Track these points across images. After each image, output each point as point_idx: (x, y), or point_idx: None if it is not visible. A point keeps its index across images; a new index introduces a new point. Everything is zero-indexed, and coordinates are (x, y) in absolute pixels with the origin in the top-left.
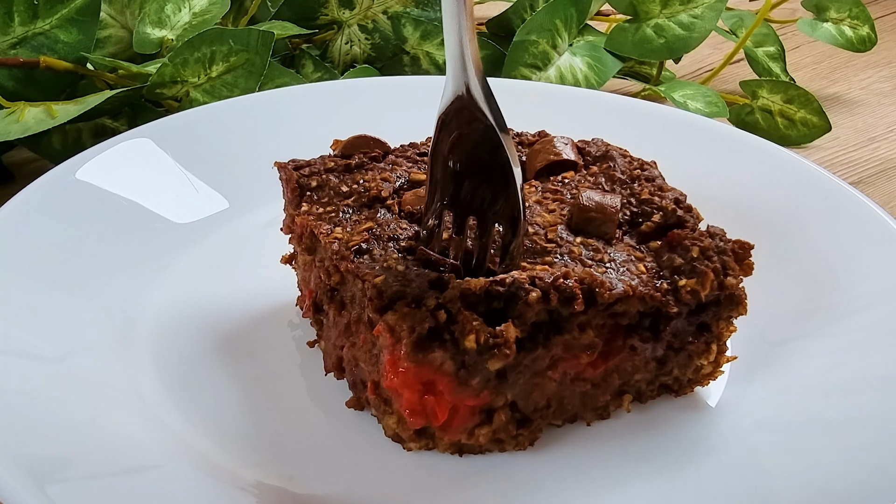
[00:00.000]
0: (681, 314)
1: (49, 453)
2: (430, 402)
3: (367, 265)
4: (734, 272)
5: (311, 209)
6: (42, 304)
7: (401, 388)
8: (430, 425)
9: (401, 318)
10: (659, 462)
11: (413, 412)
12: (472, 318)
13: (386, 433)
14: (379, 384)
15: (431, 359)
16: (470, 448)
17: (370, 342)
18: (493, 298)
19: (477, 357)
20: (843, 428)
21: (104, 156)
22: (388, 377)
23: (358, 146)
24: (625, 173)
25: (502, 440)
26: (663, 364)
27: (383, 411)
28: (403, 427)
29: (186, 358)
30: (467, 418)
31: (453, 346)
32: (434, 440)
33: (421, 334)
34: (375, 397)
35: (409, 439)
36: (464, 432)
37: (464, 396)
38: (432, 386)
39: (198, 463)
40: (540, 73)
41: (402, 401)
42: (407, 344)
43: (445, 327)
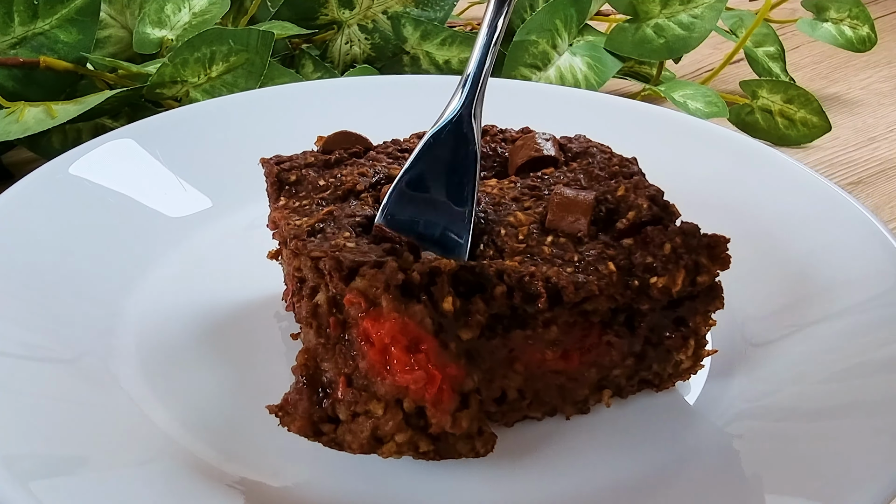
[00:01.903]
0: (654, 310)
1: (31, 450)
2: (422, 361)
3: (316, 244)
4: (707, 268)
5: (288, 203)
6: (24, 297)
7: (390, 340)
8: (423, 395)
9: (371, 279)
10: (639, 456)
11: (408, 370)
12: (448, 284)
13: (357, 441)
14: (352, 376)
15: (413, 311)
16: (447, 450)
17: (337, 328)
18: (460, 283)
19: (453, 323)
20: (822, 416)
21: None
22: (372, 339)
23: (339, 142)
24: (604, 169)
25: (472, 437)
26: (642, 359)
27: (362, 406)
28: (391, 413)
29: (171, 352)
30: (452, 396)
31: (431, 306)
32: (417, 434)
33: (397, 286)
34: (350, 391)
35: (392, 431)
36: (449, 413)
37: (446, 361)
38: (417, 345)
39: (182, 458)
40: (540, 73)
41: (394, 361)
42: (387, 297)
43: (420, 288)
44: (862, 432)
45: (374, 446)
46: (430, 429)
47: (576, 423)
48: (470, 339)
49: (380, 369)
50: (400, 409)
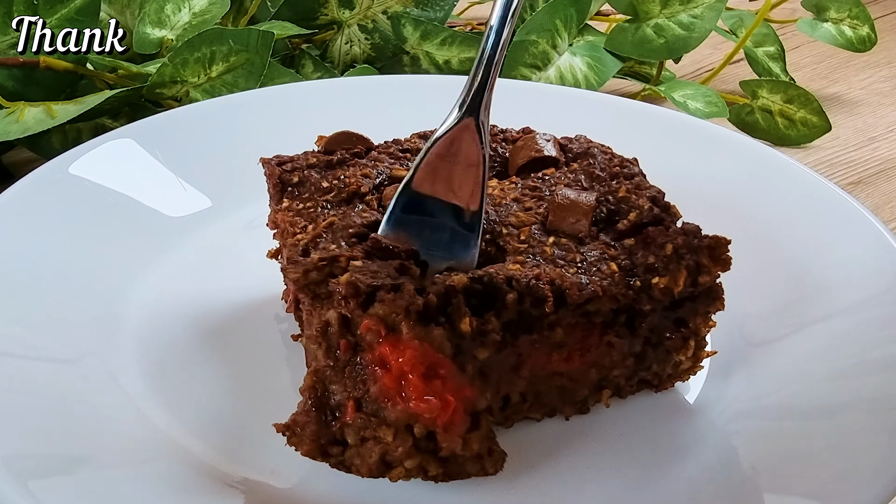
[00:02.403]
0: (655, 311)
1: (31, 450)
2: (438, 387)
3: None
4: (708, 269)
5: (292, 205)
6: (24, 297)
7: (410, 367)
8: (435, 422)
9: (390, 305)
10: (638, 456)
11: (424, 398)
12: (463, 304)
13: (365, 465)
14: (362, 400)
15: (433, 336)
16: (457, 471)
17: (348, 351)
18: (472, 295)
19: (469, 343)
20: (821, 415)
21: (91, 154)
22: (388, 364)
23: (340, 142)
24: (604, 170)
25: (482, 457)
26: (641, 359)
27: (371, 431)
28: (401, 439)
29: (171, 352)
30: (463, 419)
31: (450, 328)
32: (426, 458)
33: (417, 311)
34: (359, 416)
35: (402, 457)
36: (460, 436)
37: (462, 384)
38: (436, 370)
39: (182, 457)
40: (540, 73)
41: (410, 388)
42: (407, 324)
43: (437, 310)
44: (861, 431)
45: (382, 471)
46: (440, 452)
47: (575, 424)
48: (485, 358)
49: (393, 395)
50: (410, 434)
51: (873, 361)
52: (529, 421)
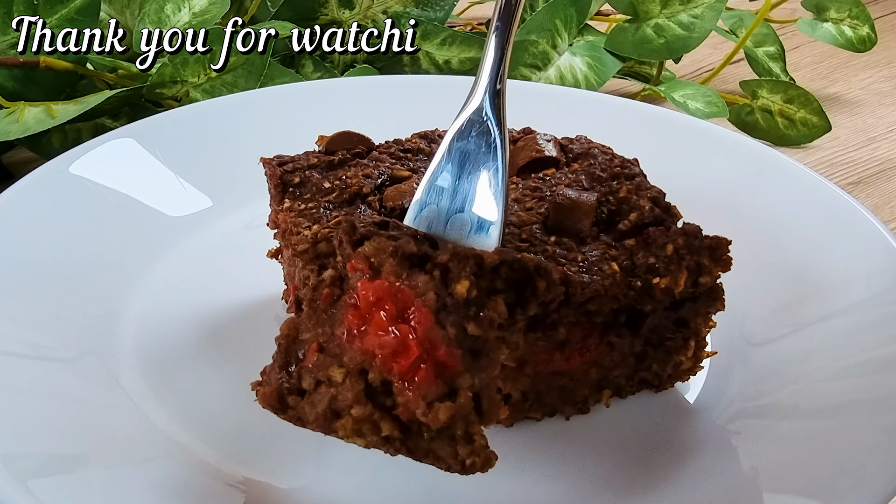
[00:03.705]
0: (655, 311)
1: (31, 450)
2: (404, 331)
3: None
4: (709, 270)
5: (293, 205)
6: (24, 297)
7: (375, 299)
8: (389, 366)
9: (378, 243)
10: (638, 456)
11: (380, 334)
12: (468, 269)
13: (314, 413)
14: (326, 344)
15: (415, 280)
16: (419, 446)
17: (328, 300)
18: (497, 278)
19: (462, 309)
20: (821, 415)
21: (92, 154)
22: (358, 300)
23: (341, 143)
24: (605, 171)
25: (455, 440)
26: (642, 359)
27: (324, 373)
28: (351, 382)
29: (171, 352)
30: (431, 379)
31: (441, 282)
32: (380, 414)
33: (405, 254)
34: (318, 358)
35: (350, 402)
36: (423, 399)
37: (436, 341)
38: (405, 314)
39: (182, 458)
40: (540, 73)
41: (371, 324)
42: (391, 261)
43: (436, 266)
44: (861, 431)
45: (330, 420)
46: (396, 410)
47: (575, 424)
48: (476, 338)
49: (353, 332)
50: (362, 380)
51: (873, 361)
52: (529, 421)
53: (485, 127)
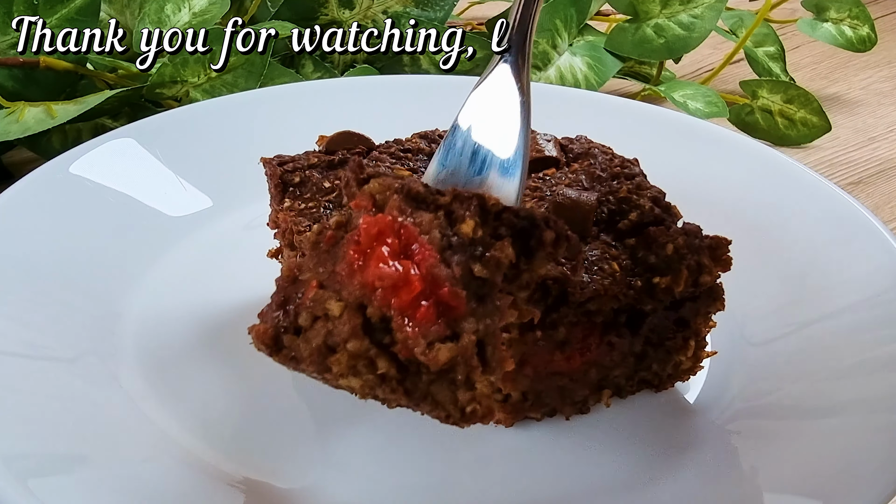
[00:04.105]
0: (655, 311)
1: (31, 450)
2: (406, 266)
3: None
4: (709, 269)
5: (294, 205)
6: (24, 297)
7: (376, 233)
8: (389, 299)
9: (383, 181)
10: (638, 456)
11: (381, 266)
12: (472, 209)
13: (308, 350)
14: (325, 283)
15: (419, 217)
16: (417, 388)
17: (330, 241)
18: (500, 224)
19: (467, 249)
20: (822, 415)
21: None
22: (360, 236)
23: (341, 142)
24: (605, 170)
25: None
26: (642, 359)
27: (321, 307)
28: (348, 316)
29: (171, 352)
30: (433, 318)
31: (447, 220)
32: (377, 350)
33: (411, 191)
34: (317, 292)
35: (346, 337)
36: (424, 338)
37: (440, 279)
38: (408, 251)
39: (183, 458)
40: (540, 73)
41: (373, 255)
42: (395, 198)
43: (440, 207)
44: (862, 431)
45: (324, 356)
46: (394, 348)
47: (575, 424)
48: (482, 282)
49: (353, 266)
50: (360, 314)
51: (873, 361)
52: (529, 421)
53: (506, 86)
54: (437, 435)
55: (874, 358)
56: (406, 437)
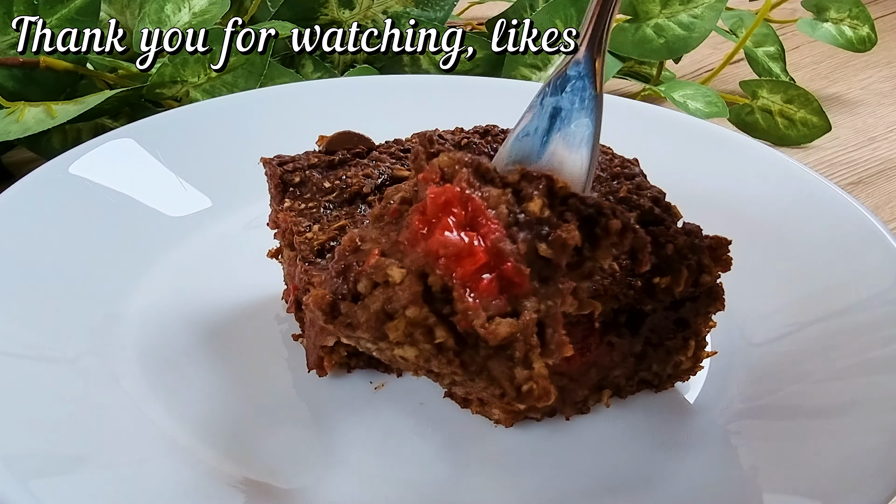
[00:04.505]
0: (656, 311)
1: (31, 450)
2: (472, 237)
3: (322, 267)
4: (710, 269)
5: (294, 205)
6: (24, 297)
7: (444, 202)
8: (452, 269)
9: (452, 155)
10: (638, 456)
11: (446, 235)
12: (543, 189)
13: (365, 315)
14: (387, 251)
15: (487, 193)
16: (474, 361)
17: (395, 213)
18: (567, 209)
19: (534, 227)
20: (822, 415)
21: (91, 154)
22: (426, 209)
23: (342, 142)
24: (605, 170)
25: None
26: (642, 359)
27: (382, 274)
28: (409, 283)
29: (171, 352)
30: (495, 292)
31: (514, 198)
32: (435, 319)
33: (481, 166)
34: (379, 260)
35: (405, 303)
36: (485, 311)
37: (504, 254)
38: (476, 223)
39: (182, 458)
40: (540, 73)
41: (439, 224)
42: (463, 171)
43: (509, 185)
44: (862, 431)
45: (382, 322)
46: (453, 318)
47: (576, 423)
48: (546, 262)
49: (417, 234)
50: (421, 282)
51: (873, 361)
52: (529, 421)
53: (581, 83)
54: (438, 435)
55: (874, 358)
56: (406, 437)
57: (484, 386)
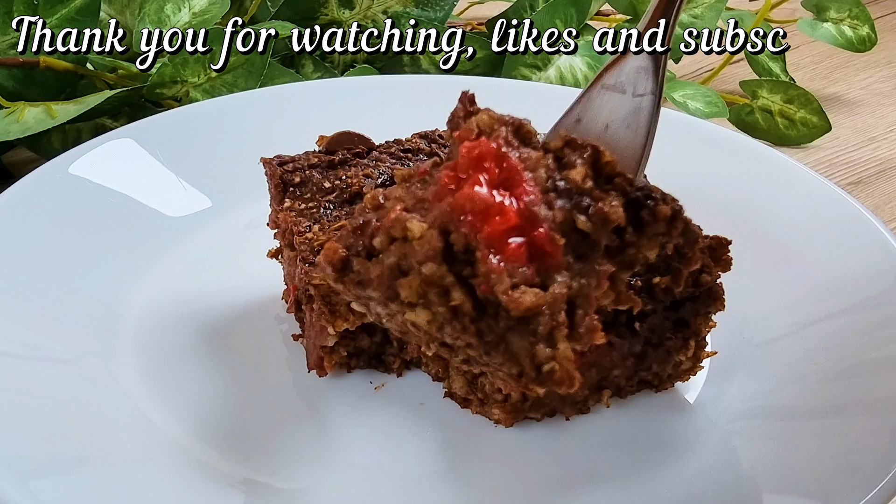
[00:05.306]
0: (655, 311)
1: (31, 450)
2: (504, 197)
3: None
4: (710, 269)
5: (294, 205)
6: (24, 297)
7: (477, 159)
8: (478, 227)
9: (493, 116)
10: (638, 456)
11: (475, 191)
12: (588, 158)
13: (377, 270)
14: (411, 208)
15: (527, 155)
16: (491, 330)
17: (423, 173)
18: (613, 187)
19: (574, 197)
20: (821, 415)
21: (91, 154)
22: (458, 165)
23: (342, 142)
24: None
25: (537, 338)
26: (642, 359)
27: (402, 229)
28: (428, 238)
29: (171, 352)
30: (523, 258)
31: (555, 165)
32: (453, 280)
33: (522, 127)
34: (400, 214)
35: (421, 259)
36: (510, 277)
37: (538, 217)
38: (512, 184)
39: (182, 458)
40: (540, 73)
41: (470, 180)
42: (505, 130)
43: (551, 150)
44: (861, 431)
45: (394, 278)
46: (474, 280)
47: (575, 424)
48: (584, 237)
49: (445, 188)
50: (442, 239)
51: (873, 361)
52: (529, 421)
53: (641, 74)
54: (437, 435)
55: (874, 358)
56: (406, 437)
57: (501, 362)
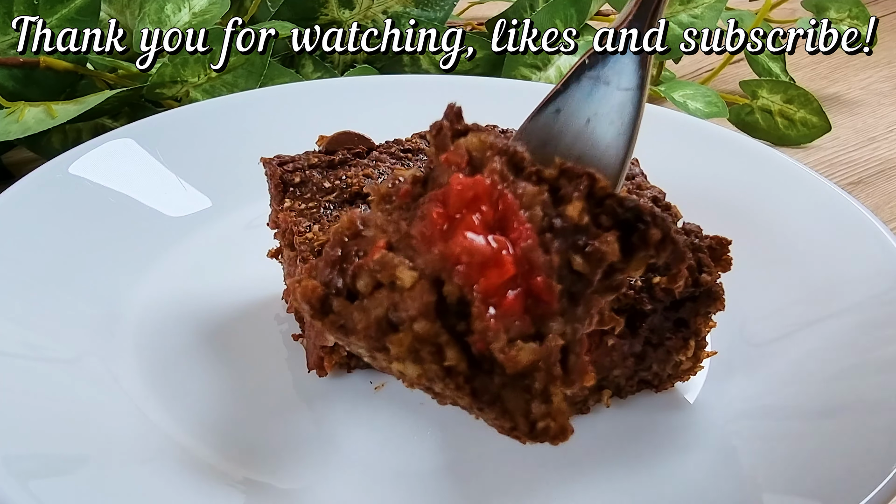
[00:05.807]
0: (656, 311)
1: (31, 450)
2: (500, 243)
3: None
4: (710, 269)
5: (294, 205)
6: (24, 297)
7: (472, 197)
8: (473, 278)
9: (484, 138)
10: (638, 456)
11: (468, 239)
12: (584, 190)
13: (364, 321)
14: (396, 245)
15: (522, 188)
16: (486, 389)
17: (406, 197)
18: (604, 212)
19: (570, 236)
20: (821, 416)
21: (91, 154)
22: (447, 198)
23: (342, 142)
24: None
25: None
26: (642, 359)
27: (389, 274)
28: (420, 290)
29: (172, 352)
30: (519, 311)
31: (551, 197)
32: (447, 337)
33: (516, 155)
34: (385, 255)
35: (413, 314)
36: (506, 333)
37: (535, 266)
38: (506, 225)
39: (182, 458)
40: (540, 73)
41: (462, 223)
42: (499, 161)
43: (546, 181)
44: (861, 432)
45: (383, 332)
46: (469, 338)
47: (575, 424)
48: (579, 277)
49: (434, 231)
50: (435, 291)
51: (873, 361)
52: None
53: (626, 67)
54: (437, 435)
55: (874, 358)
56: (406, 437)
57: (494, 417)
